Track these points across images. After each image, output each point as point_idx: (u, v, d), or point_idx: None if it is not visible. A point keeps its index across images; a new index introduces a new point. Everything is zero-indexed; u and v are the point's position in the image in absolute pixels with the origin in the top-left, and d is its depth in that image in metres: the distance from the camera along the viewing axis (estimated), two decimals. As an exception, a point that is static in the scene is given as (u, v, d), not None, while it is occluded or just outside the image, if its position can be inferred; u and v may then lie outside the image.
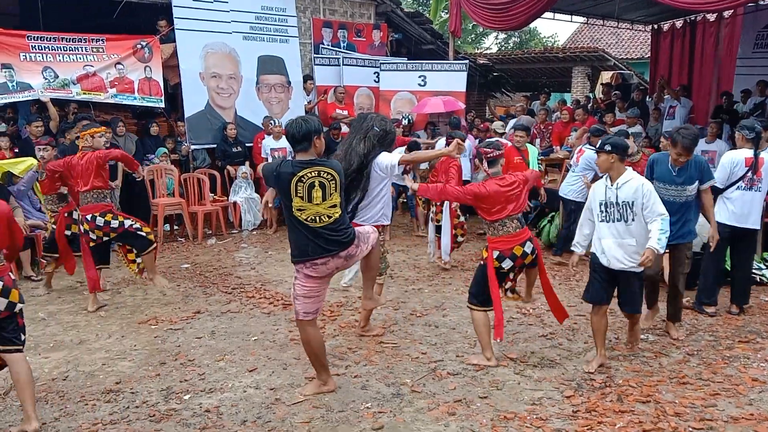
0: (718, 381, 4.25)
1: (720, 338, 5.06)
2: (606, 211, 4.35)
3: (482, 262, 4.51)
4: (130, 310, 5.82)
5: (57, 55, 8.30)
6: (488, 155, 4.44)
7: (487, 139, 5.28)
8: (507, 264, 4.39)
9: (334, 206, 3.73)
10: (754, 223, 5.58)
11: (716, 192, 5.56)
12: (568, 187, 7.43)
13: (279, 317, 5.56)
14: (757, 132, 5.52)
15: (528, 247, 4.41)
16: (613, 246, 4.34)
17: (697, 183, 4.89)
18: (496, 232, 4.40)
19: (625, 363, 4.56)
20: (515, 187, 4.38)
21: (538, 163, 7.98)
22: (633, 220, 4.27)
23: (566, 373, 4.38)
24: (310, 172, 3.66)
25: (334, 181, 3.72)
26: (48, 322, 5.51)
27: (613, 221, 4.32)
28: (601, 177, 4.52)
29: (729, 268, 6.18)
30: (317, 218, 3.71)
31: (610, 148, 4.27)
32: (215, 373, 4.41)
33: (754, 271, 6.47)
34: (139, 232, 5.76)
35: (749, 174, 5.45)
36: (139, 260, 5.93)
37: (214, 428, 3.66)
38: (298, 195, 3.66)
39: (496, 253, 4.38)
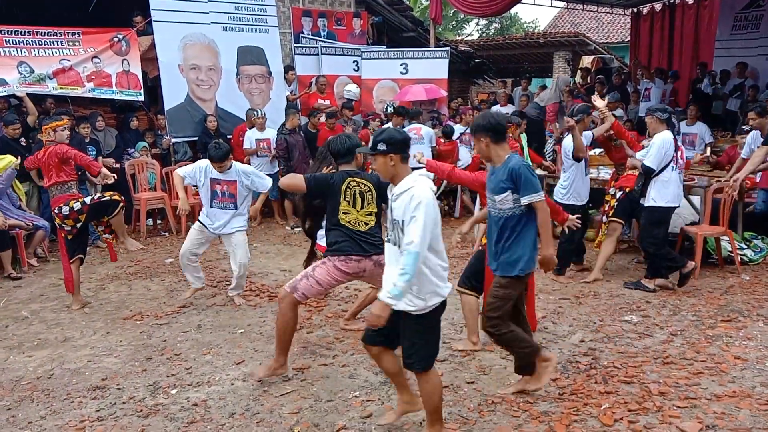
0: (702, 360, 4.31)
1: (703, 318, 5.13)
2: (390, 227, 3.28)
3: (481, 248, 4.56)
4: (114, 306, 5.77)
5: (32, 50, 8.18)
6: None
7: None
8: None
9: (370, 215, 4.11)
10: (680, 199, 5.88)
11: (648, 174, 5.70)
12: (558, 189, 6.38)
13: (265, 309, 5.55)
14: (669, 113, 5.67)
15: None
16: (389, 275, 3.22)
17: (509, 193, 3.61)
18: None
19: (609, 345, 4.61)
20: None
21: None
22: None
23: (552, 357, 4.41)
24: (354, 181, 4.08)
25: (370, 192, 4.10)
26: (31, 320, 5.45)
27: (391, 242, 3.26)
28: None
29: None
30: (358, 223, 4.07)
31: (385, 148, 3.16)
32: (202, 367, 4.39)
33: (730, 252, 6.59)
34: (102, 200, 5.65)
35: (676, 154, 5.62)
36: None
37: (202, 422, 3.65)
38: (346, 199, 4.06)
39: None
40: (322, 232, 4.40)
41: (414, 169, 3.47)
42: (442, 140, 9.15)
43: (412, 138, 8.41)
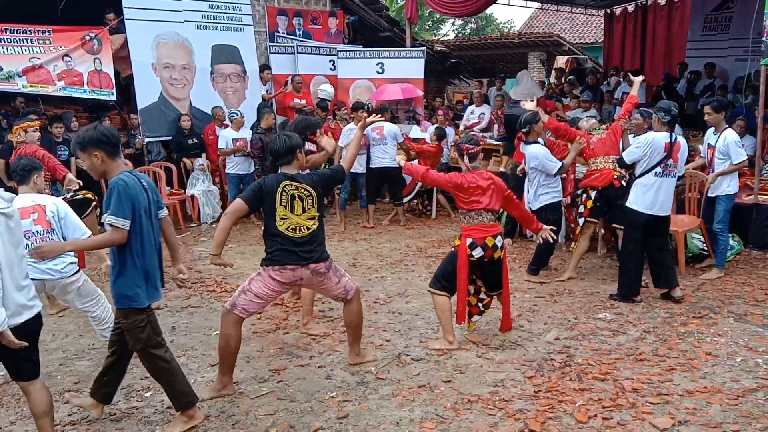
0: (674, 356, 4.37)
1: (675, 315, 5.20)
2: None
3: (454, 249, 4.58)
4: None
5: (1, 47, 8.03)
6: (469, 151, 4.54)
7: (467, 135, 5.26)
8: (478, 253, 4.44)
9: (313, 219, 3.95)
10: (667, 209, 5.47)
11: (629, 176, 5.60)
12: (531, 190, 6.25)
13: (241, 310, 5.50)
14: (672, 115, 5.34)
15: (498, 241, 4.50)
16: None
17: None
18: (471, 221, 4.49)
19: (584, 342, 4.65)
20: (491, 184, 4.49)
21: None
22: None
23: (527, 354, 4.45)
24: (290, 185, 3.88)
25: (311, 197, 3.93)
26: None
27: None
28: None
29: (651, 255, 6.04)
30: (297, 229, 3.89)
31: None
32: (177, 369, 4.34)
33: (702, 250, 6.67)
34: (75, 198, 5.58)
35: (667, 160, 5.29)
36: None
37: (176, 425, 3.61)
38: (282, 204, 3.87)
39: (469, 241, 4.45)
40: None
41: (384, 168, 3.49)
42: (432, 140, 9.11)
43: (374, 138, 8.50)
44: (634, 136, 6.36)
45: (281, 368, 4.30)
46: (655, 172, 5.33)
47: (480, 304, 4.76)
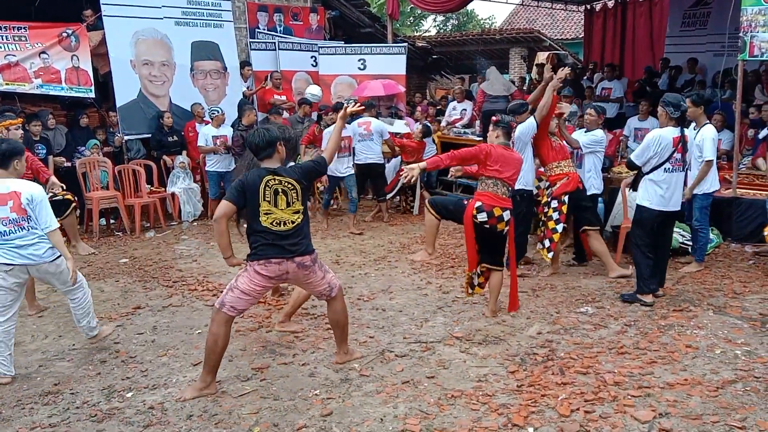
0: (655, 349, 4.41)
1: (655, 308, 5.25)
2: None
3: (465, 201, 4.88)
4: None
5: (-25, 45, 7.90)
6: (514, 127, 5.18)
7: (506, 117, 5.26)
8: (482, 217, 4.68)
9: (297, 212, 3.90)
10: (677, 204, 5.37)
11: (634, 170, 5.51)
12: None
13: (223, 308, 5.46)
14: (682, 111, 5.21)
15: (506, 215, 4.75)
16: None
17: None
18: (486, 188, 4.77)
19: (566, 336, 4.68)
20: (514, 160, 4.89)
21: None
22: None
23: (510, 349, 4.47)
24: (273, 179, 3.83)
25: (294, 191, 3.88)
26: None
27: None
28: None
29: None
30: (281, 223, 3.85)
31: None
32: (158, 369, 4.31)
33: (682, 243, 6.72)
34: (54, 199, 5.51)
35: (676, 154, 5.21)
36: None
37: (159, 425, 3.58)
38: (266, 199, 3.83)
39: (477, 204, 4.71)
40: None
41: (368, 164, 3.49)
42: (416, 137, 9.10)
43: (360, 134, 8.46)
44: (586, 132, 6.39)
45: (264, 366, 4.28)
46: (665, 168, 5.21)
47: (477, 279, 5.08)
